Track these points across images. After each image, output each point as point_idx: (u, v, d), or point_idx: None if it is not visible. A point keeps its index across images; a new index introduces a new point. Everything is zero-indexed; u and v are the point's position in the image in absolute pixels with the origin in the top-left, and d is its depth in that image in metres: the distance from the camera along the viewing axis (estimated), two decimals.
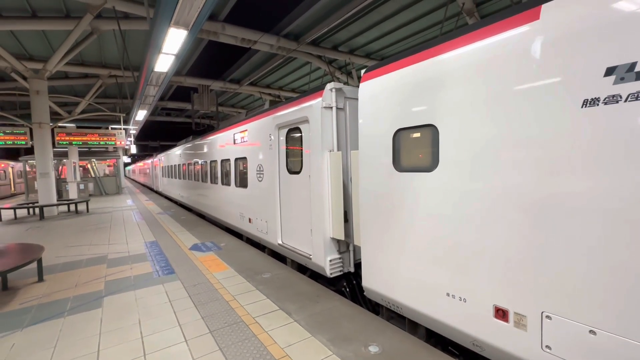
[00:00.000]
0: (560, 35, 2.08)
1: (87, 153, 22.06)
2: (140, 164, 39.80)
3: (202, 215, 11.61)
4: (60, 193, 17.95)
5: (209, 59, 12.45)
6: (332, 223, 4.40)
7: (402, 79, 3.21)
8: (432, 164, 2.95)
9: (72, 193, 17.26)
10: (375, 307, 4.33)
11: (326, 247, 4.45)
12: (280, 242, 5.67)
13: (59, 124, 14.53)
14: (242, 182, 7.19)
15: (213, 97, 15.12)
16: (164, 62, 6.87)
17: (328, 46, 10.97)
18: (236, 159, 7.53)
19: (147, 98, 10.46)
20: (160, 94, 10.49)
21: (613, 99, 1.85)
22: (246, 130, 6.88)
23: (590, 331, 1.96)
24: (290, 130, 5.29)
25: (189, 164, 12.70)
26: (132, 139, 22.97)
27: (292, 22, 9.17)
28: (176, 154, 15.24)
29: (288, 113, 5.19)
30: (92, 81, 13.40)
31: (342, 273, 4.57)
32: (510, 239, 2.36)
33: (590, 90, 1.93)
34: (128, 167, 60.70)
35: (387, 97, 3.39)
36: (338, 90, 4.40)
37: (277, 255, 6.33)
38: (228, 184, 8.14)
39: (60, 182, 18.57)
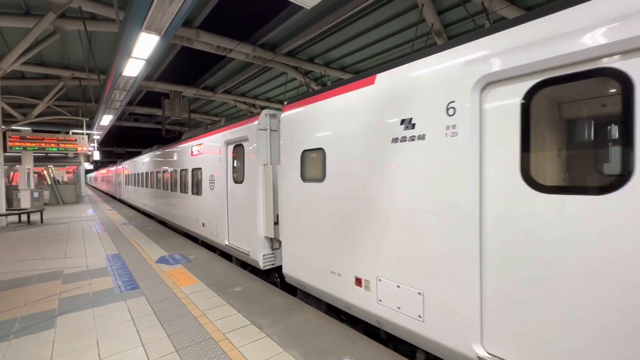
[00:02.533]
0: (386, 96, 3.15)
1: (44, 159, 20.51)
2: (103, 171, 37.62)
3: (163, 223, 11.87)
4: (10, 202, 16.44)
5: (182, 65, 12.15)
6: (265, 224, 5.30)
7: (307, 113, 4.23)
8: (322, 177, 3.93)
9: (25, 202, 15.87)
10: (294, 291, 4.99)
11: (260, 245, 5.35)
12: (227, 243, 6.51)
13: (12, 127, 13.43)
14: (197, 190, 7.93)
15: (185, 104, 14.73)
16: (133, 67, 6.62)
17: (304, 58, 11.12)
18: (193, 169, 8.27)
19: (113, 102, 9.97)
20: (129, 99, 10.05)
21: (403, 139, 2.98)
22: (202, 144, 7.72)
23: (397, 286, 3.07)
24: (236, 146, 6.18)
25: (150, 173, 13.10)
26: (95, 144, 21.71)
27: (268, 32, 9.23)
28: (139, 163, 15.54)
29: (234, 131, 6.12)
30: (53, 82, 12.58)
31: (273, 266, 5.42)
32: (361, 230, 3.41)
33: (395, 133, 3.05)
34: (90, 174, 57.16)
35: (298, 125, 4.39)
36: (272, 115, 5.42)
37: (253, 269, 6.18)
38: (185, 191, 8.83)
39: (11, 190, 17.04)
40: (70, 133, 17.80)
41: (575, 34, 1.95)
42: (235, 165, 6.28)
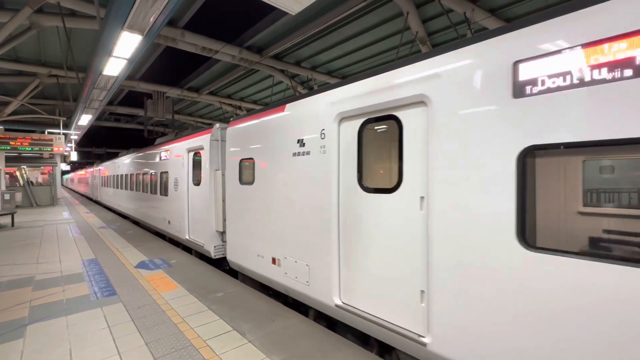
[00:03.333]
0: (290, 121, 4.22)
1: (17, 159, 19.55)
2: (81, 172, 36.29)
3: (137, 223, 12.41)
4: None
5: (166, 65, 11.90)
6: (215, 220, 6.26)
7: (244, 129, 5.31)
8: (252, 181, 4.97)
9: None
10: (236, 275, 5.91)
11: (212, 237, 6.32)
12: (187, 237, 7.41)
13: None
14: (165, 191, 8.78)
15: (169, 105, 14.42)
16: (114, 66, 6.45)
17: (291, 61, 11.13)
18: (161, 172, 9.12)
19: (93, 102, 9.67)
20: (109, 98, 9.76)
21: (298, 154, 4.01)
22: (169, 150, 8.60)
23: (295, 261, 4.06)
24: (195, 154, 7.08)
25: (125, 175, 13.79)
26: (72, 145, 20.93)
27: (255, 34, 9.19)
28: (114, 165, 16.29)
29: (193, 141, 7.10)
30: (28, 80, 12.06)
31: (223, 256, 6.28)
32: (274, 222, 4.47)
33: (294, 149, 4.09)
34: (67, 176, 54.99)
35: (237, 138, 5.44)
36: (223, 128, 6.29)
37: (232, 273, 6.08)
38: (155, 192, 9.64)
39: None
40: (46, 132, 17.06)
41: (380, 92, 3.10)
42: (194, 170, 7.18)
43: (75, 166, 46.82)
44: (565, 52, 2.00)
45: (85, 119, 12.49)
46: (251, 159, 5.02)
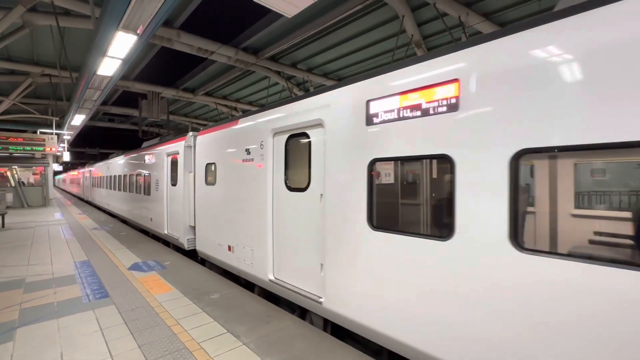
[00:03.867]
0: (241, 133, 5.20)
1: (8, 159, 19.23)
2: (74, 172, 35.87)
3: (125, 222, 12.98)
4: None
5: (162, 65, 11.84)
6: (188, 215, 7.11)
7: (209, 138, 6.29)
8: (214, 182, 5.94)
9: None
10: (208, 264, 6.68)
11: (185, 231, 7.21)
12: (166, 232, 8.32)
13: None
14: (148, 191, 9.68)
15: (164, 105, 14.33)
16: (109, 66, 6.40)
17: (287, 63, 11.14)
18: (146, 174, 9.96)
19: (86, 102, 9.57)
20: (103, 98, 9.67)
21: (247, 160, 4.93)
22: (152, 153, 9.48)
23: (243, 247, 5.03)
24: (172, 158, 7.99)
25: (113, 176, 14.63)
26: (65, 145, 20.67)
27: (251, 36, 9.19)
28: (104, 167, 17.24)
29: (171, 146, 8.02)
30: (20, 79, 11.92)
31: (195, 247, 7.01)
32: (230, 215, 5.42)
33: (243, 156, 5.05)
34: (59, 176, 54.26)
35: (204, 145, 6.44)
36: (195, 136, 7.02)
37: (228, 274, 6.05)
38: (139, 192, 10.51)
39: None
40: (38, 132, 16.84)
41: (299, 115, 4.02)
42: (171, 172, 8.03)
43: (67, 167, 46.24)
44: (389, 97, 3.00)
45: (78, 119, 12.36)
46: (214, 163, 6.02)
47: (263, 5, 3.61)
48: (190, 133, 7.14)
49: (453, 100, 2.56)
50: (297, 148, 4.25)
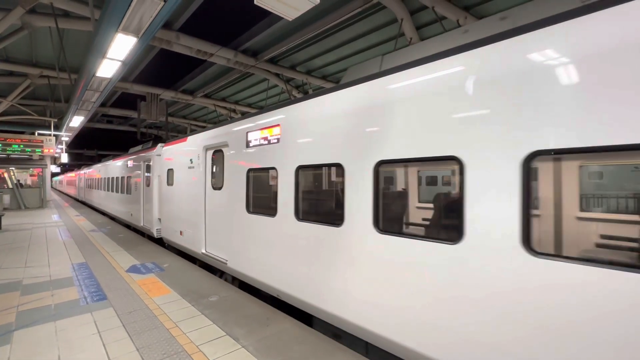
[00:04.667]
0: (189, 148, 7.04)
1: (5, 160, 19.14)
2: (71, 174, 35.79)
3: (114, 219, 14.78)
4: None
5: (161, 67, 11.82)
6: (157, 210, 9.10)
7: (169, 149, 8.11)
8: (172, 183, 7.74)
9: None
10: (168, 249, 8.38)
11: (155, 222, 9.17)
12: (142, 224, 10.24)
13: None
14: (129, 191, 11.73)
15: (163, 107, 14.33)
16: (108, 68, 6.39)
17: (286, 65, 11.16)
18: (128, 177, 11.96)
19: (85, 103, 9.54)
20: (102, 100, 9.65)
21: (190, 167, 6.87)
22: (132, 160, 11.52)
23: (188, 231, 6.97)
24: (147, 164, 9.99)
25: (102, 178, 16.87)
26: (63, 146, 20.59)
27: (250, 38, 9.20)
28: (95, 170, 19.78)
29: (146, 155, 10.06)
30: (19, 80, 11.88)
31: (161, 236, 8.77)
32: (180, 208, 7.32)
33: (189, 164, 6.95)
34: (56, 178, 54.02)
35: (167, 155, 8.23)
36: (162, 146, 8.79)
37: (224, 275, 6.04)
38: (123, 192, 12.61)
39: None
40: (36, 134, 16.76)
41: (218, 137, 5.88)
42: (146, 175, 10.04)
43: (65, 168, 46.03)
44: (255, 131, 4.79)
45: (77, 121, 12.33)
46: (172, 169, 7.86)
47: (265, 8, 3.63)
48: (160, 144, 9.10)
49: (278, 136, 4.36)
50: (218, 159, 6.02)
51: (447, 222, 3.14)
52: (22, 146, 15.63)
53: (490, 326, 2.27)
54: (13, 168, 19.68)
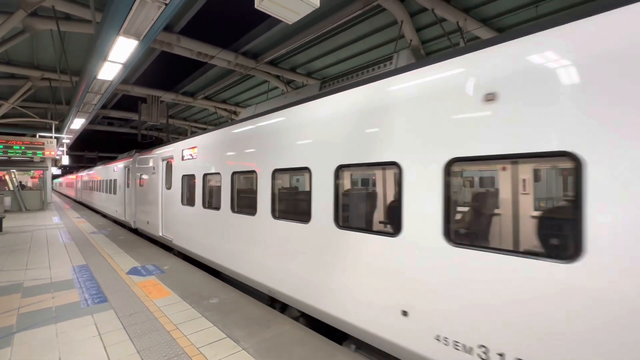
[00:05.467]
0: (152, 158, 9.45)
1: (6, 162, 19.17)
2: (72, 176, 35.97)
3: (105, 216, 16.80)
4: None
5: (161, 70, 11.87)
6: (134, 206, 10.95)
7: (141, 158, 10.60)
8: (142, 185, 10.21)
9: None
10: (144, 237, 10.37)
11: (132, 216, 11.12)
12: (124, 218, 12.29)
13: None
14: (115, 191, 14.13)
15: (163, 109, 14.37)
16: (109, 70, 6.43)
17: (286, 67, 11.20)
18: (114, 180, 14.28)
19: (86, 106, 9.59)
20: (103, 102, 9.69)
21: (153, 173, 9.31)
22: (117, 165, 13.93)
23: (152, 221, 9.29)
24: (128, 169, 11.94)
25: (94, 181, 19.87)
26: (64, 148, 20.64)
27: (251, 40, 9.25)
28: (88, 173, 22.76)
29: (127, 162, 11.96)
30: (20, 83, 11.93)
31: (137, 227, 10.94)
32: (147, 204, 9.74)
33: (152, 171, 9.36)
34: (56, 180, 54.11)
35: (139, 163, 10.68)
36: (137, 156, 10.93)
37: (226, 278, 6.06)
38: (110, 192, 15.16)
39: None
40: (38, 136, 16.82)
41: (170, 153, 8.17)
42: (127, 178, 12.07)
43: (66, 170, 46.07)
44: (187, 149, 7.11)
45: (78, 123, 12.38)
46: (141, 174, 10.21)
47: (265, 12, 3.65)
48: (136, 154, 11.10)
49: (196, 154, 6.72)
50: (168, 168, 8.12)
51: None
52: (23, 148, 15.72)
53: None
54: (14, 170, 19.71)
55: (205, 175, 6.23)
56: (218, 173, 5.75)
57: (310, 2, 3.37)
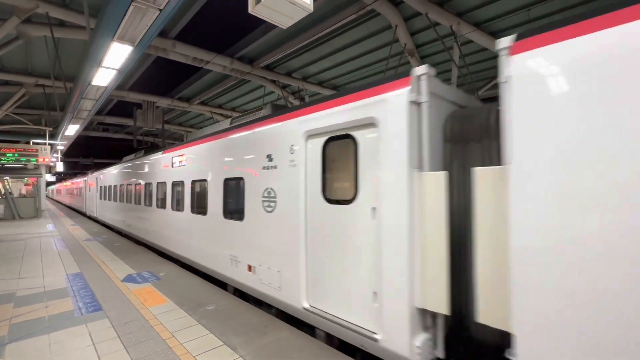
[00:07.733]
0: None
1: None
2: (67, 183, 35.62)
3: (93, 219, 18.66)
4: None
5: (157, 75, 11.83)
6: (96, 204, 16.88)
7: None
8: (98, 190, 16.62)
9: None
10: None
11: (93, 210, 17.35)
12: (92, 214, 16.96)
13: None
14: (108, 198, 15.49)
15: (159, 114, 14.30)
16: (103, 76, 6.39)
17: (282, 72, 11.22)
18: (102, 186, 15.66)
19: (80, 112, 9.51)
20: (98, 108, 9.63)
21: (100, 182, 16.30)
22: (85, 178, 17.08)
23: (115, 217, 13.24)
24: (89, 181, 16.58)
25: (77, 187, 23.74)
26: (58, 155, 20.47)
27: (246, 45, 9.26)
28: (76, 181, 26.31)
29: (90, 175, 17.24)
30: (13, 89, 11.82)
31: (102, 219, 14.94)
32: (108, 206, 14.24)
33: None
34: (51, 187, 53.61)
35: (97, 176, 16.54)
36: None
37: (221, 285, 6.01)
38: (81, 196, 18.89)
39: None
40: (31, 143, 16.66)
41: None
42: (90, 187, 15.82)
43: (60, 177, 45.65)
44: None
45: (72, 129, 12.27)
46: (101, 184, 13.39)
47: (259, 17, 3.65)
48: (91, 173, 13.32)
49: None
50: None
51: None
52: (16, 155, 15.57)
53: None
54: (7, 177, 19.49)
55: (148, 183, 9.52)
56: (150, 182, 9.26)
57: (304, 7, 3.38)
